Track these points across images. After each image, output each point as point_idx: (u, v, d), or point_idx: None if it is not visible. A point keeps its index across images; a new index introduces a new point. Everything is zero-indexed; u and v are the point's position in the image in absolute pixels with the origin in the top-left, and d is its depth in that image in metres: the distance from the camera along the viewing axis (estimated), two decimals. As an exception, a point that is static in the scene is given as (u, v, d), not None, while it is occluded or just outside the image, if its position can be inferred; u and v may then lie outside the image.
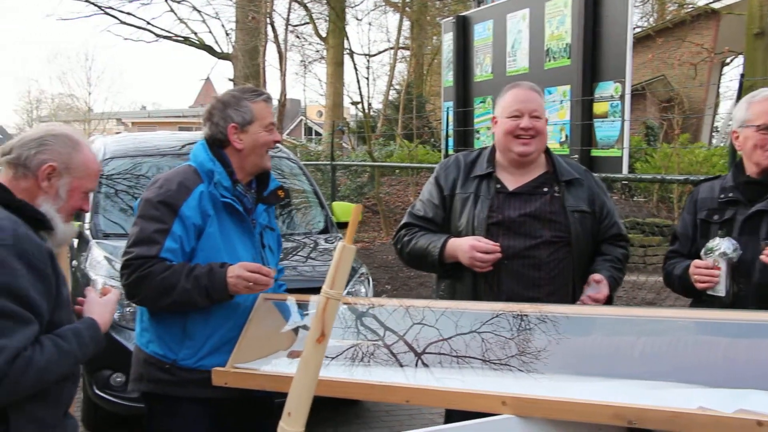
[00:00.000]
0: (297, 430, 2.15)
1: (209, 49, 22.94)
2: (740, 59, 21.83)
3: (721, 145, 17.68)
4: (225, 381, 2.77)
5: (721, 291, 2.93)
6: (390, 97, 26.83)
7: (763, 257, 2.83)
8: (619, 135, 5.39)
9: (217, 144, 2.99)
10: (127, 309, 4.68)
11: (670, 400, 2.20)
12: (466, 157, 3.40)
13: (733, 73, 25.22)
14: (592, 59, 5.58)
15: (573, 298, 3.18)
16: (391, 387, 2.49)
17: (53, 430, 2.27)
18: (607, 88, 5.49)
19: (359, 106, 19.35)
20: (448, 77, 7.73)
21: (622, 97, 5.34)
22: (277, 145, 3.20)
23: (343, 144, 20.52)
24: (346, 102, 24.66)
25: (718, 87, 22.58)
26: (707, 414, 2.09)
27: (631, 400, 2.21)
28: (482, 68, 7.08)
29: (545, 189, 3.25)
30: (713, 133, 22.48)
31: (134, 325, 4.52)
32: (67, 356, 2.18)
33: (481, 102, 7.14)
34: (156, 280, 2.79)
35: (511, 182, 3.26)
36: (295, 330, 3.00)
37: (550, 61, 6.05)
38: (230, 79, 21.69)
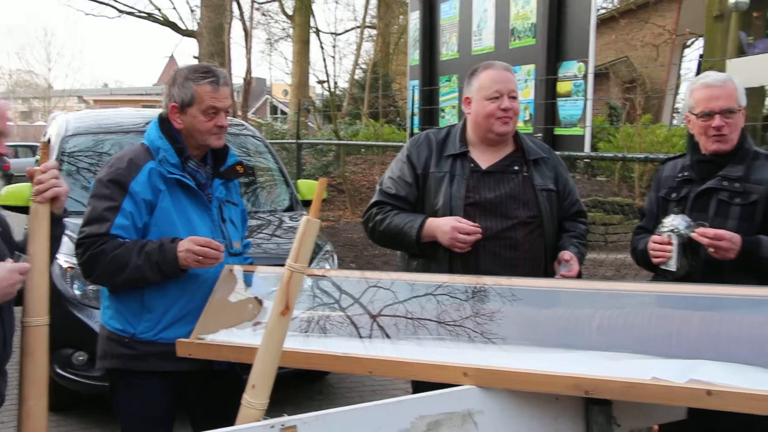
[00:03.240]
0: (261, 402, 2.18)
1: (173, 26, 22.69)
2: (701, 41, 22.08)
3: (682, 125, 17.92)
4: (189, 352, 2.78)
5: (672, 266, 3.01)
6: (356, 77, 26.76)
7: (693, 235, 2.91)
8: (582, 114, 5.45)
9: (167, 121, 2.99)
10: (89, 287, 4.66)
11: (626, 370, 2.25)
12: (436, 135, 3.40)
13: (694, 54, 25.52)
14: (557, 39, 5.61)
15: (545, 276, 3.23)
16: (354, 358, 2.51)
17: None
18: (570, 68, 5.53)
19: (325, 85, 19.27)
20: (414, 56, 7.72)
21: (585, 77, 5.39)
22: (243, 123, 3.19)
23: (309, 123, 20.45)
24: (312, 81, 24.56)
25: (679, 68, 22.87)
26: (660, 384, 2.14)
27: (589, 372, 2.26)
28: (448, 47, 7.08)
29: (516, 168, 3.28)
30: (674, 114, 22.77)
31: (96, 303, 4.55)
32: None
33: (446, 81, 7.15)
34: (108, 257, 2.80)
35: (484, 161, 3.29)
36: (260, 301, 3.02)
37: (515, 40, 6.07)
38: (195, 57, 21.49)
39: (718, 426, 3.00)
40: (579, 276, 3.23)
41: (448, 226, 3.12)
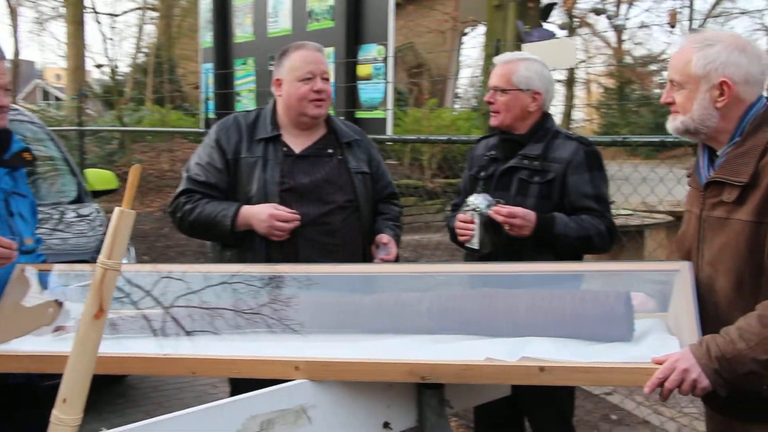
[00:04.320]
0: (74, 418, 1.94)
1: None
2: (479, 29, 23.26)
3: (465, 108, 18.82)
4: (-23, 366, 2.45)
5: (475, 244, 3.06)
6: (138, 60, 25.59)
7: (491, 213, 2.98)
8: (383, 97, 5.47)
9: None
10: None
11: (459, 353, 2.24)
12: (245, 118, 3.26)
13: (472, 42, 26.88)
14: (355, 22, 5.58)
15: (363, 261, 3.19)
16: (176, 359, 2.32)
17: None
18: (370, 51, 5.53)
19: (105, 69, 18.31)
20: (206, 38, 7.42)
21: (385, 60, 5.40)
22: (17, 108, 2.85)
23: (88, 109, 19.29)
24: (90, 64, 23.19)
25: (459, 55, 23.96)
26: (494, 364, 2.14)
27: (422, 356, 2.23)
28: (243, 29, 6.85)
29: (330, 151, 3.21)
30: (455, 98, 23.87)
31: None
32: None
33: (242, 64, 6.93)
34: None
35: (296, 145, 3.19)
36: (60, 303, 2.73)
37: (313, 22, 5.97)
38: (-48, 37, 19.56)
39: (522, 400, 3.13)
40: (397, 259, 3.23)
41: (264, 214, 3.00)
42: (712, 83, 2.18)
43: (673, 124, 2.29)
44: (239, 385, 3.09)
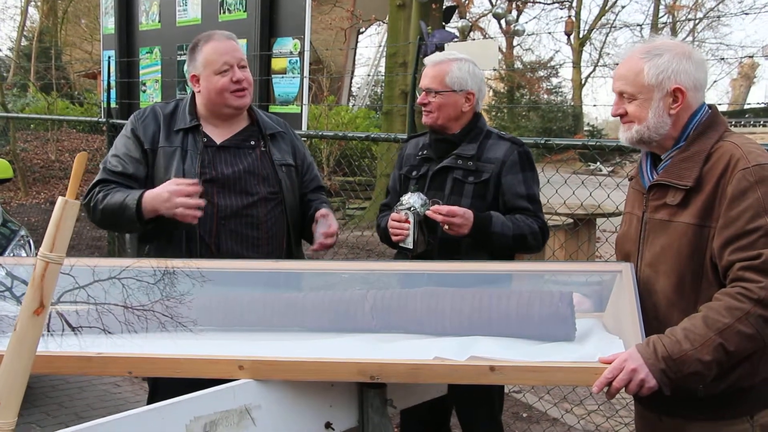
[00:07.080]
0: (9, 422, 1.81)
1: None
2: (373, 28, 23.44)
3: (361, 107, 18.90)
4: None
5: (409, 243, 3.04)
6: (21, 44, 24.39)
7: (428, 213, 2.99)
8: (298, 92, 5.39)
9: None
10: None
11: (406, 352, 2.21)
12: (163, 109, 3.16)
13: (366, 41, 27.03)
14: (270, 14, 5.48)
15: (288, 256, 3.13)
16: (113, 358, 2.19)
17: None
18: (285, 44, 5.44)
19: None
20: (108, 24, 7.13)
21: (301, 54, 5.33)
22: None
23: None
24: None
25: (355, 53, 24.04)
26: (445, 364, 2.12)
27: (369, 355, 2.19)
28: (149, 16, 6.62)
29: (252, 142, 3.14)
30: (350, 97, 23.92)
31: None
32: None
33: (147, 52, 6.70)
34: None
35: (217, 135, 3.11)
36: None
37: (225, 13, 5.82)
38: None
39: (455, 397, 3.15)
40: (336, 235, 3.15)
41: (166, 193, 2.83)
42: (666, 91, 2.23)
43: (627, 134, 2.31)
44: (159, 387, 2.99)
